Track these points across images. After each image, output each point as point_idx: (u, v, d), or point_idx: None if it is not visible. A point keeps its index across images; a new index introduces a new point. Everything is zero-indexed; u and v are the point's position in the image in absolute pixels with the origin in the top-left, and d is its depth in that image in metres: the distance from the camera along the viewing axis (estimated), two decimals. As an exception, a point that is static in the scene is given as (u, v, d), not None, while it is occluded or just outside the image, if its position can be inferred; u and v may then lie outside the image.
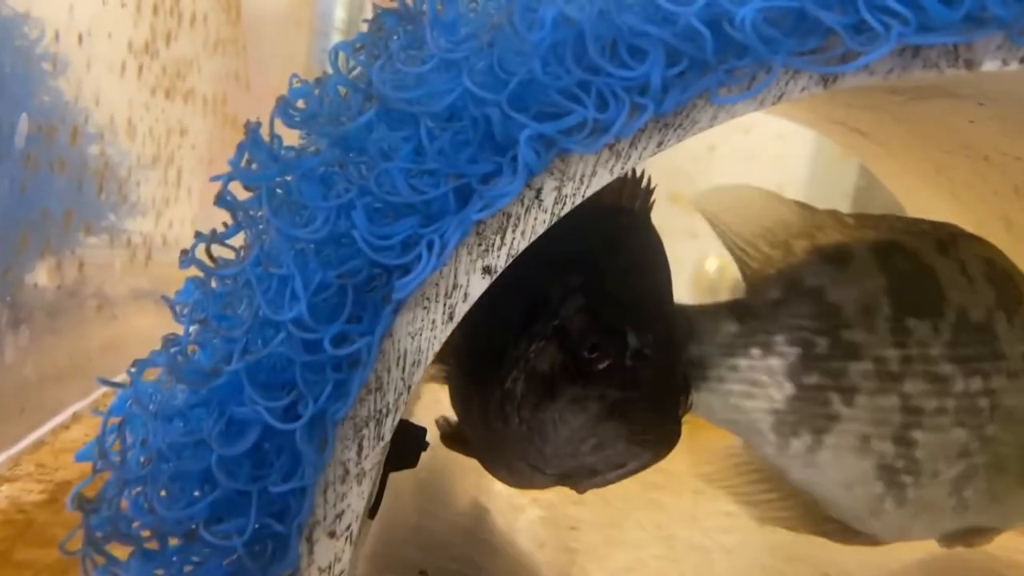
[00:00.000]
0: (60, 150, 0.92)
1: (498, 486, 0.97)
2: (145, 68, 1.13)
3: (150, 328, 1.15)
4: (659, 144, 0.55)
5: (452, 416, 0.87)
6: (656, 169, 0.79)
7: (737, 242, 0.88)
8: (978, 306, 0.83)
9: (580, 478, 0.68)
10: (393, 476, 0.64)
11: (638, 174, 0.83)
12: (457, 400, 0.83)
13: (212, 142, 1.42)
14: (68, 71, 0.93)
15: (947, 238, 0.87)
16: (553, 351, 0.68)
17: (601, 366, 0.65)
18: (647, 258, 0.79)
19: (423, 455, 0.69)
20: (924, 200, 1.20)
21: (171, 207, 1.28)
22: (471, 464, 1.03)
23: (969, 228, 1.09)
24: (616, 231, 0.80)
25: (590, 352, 0.66)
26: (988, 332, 0.82)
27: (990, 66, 0.52)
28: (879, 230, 0.87)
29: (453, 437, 0.86)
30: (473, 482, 0.99)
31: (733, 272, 2.32)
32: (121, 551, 0.53)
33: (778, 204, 0.90)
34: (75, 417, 0.99)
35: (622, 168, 0.55)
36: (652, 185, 0.83)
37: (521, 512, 0.91)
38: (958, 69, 0.53)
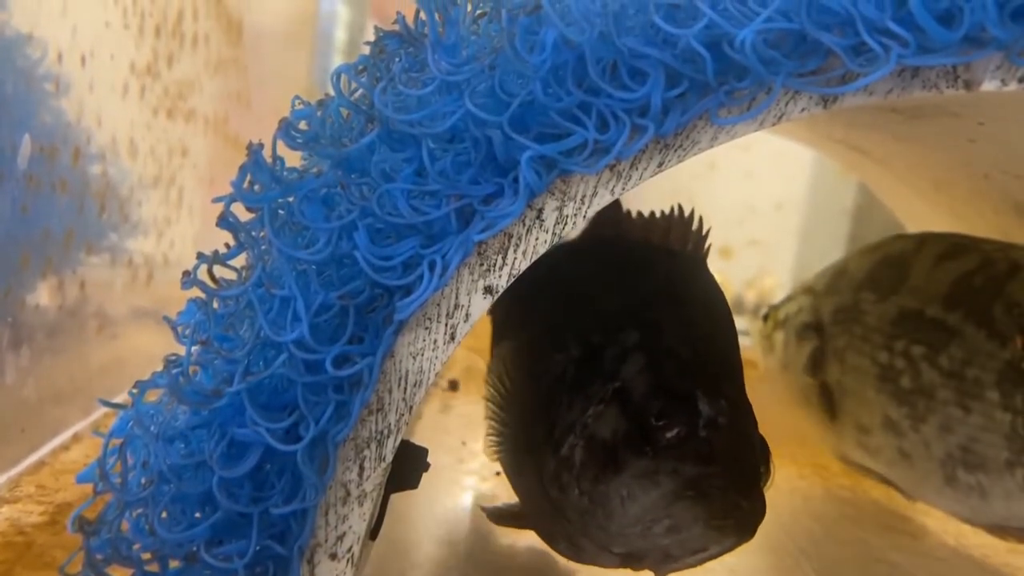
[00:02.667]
0: (62, 170, 0.92)
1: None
2: (147, 89, 1.13)
3: (151, 348, 1.15)
4: (660, 165, 0.55)
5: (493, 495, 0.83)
6: (656, 188, 0.79)
7: None
8: None
9: (654, 561, 0.62)
10: (394, 497, 0.64)
11: (686, 215, 0.78)
12: (509, 465, 0.77)
13: (213, 162, 1.42)
14: (70, 92, 0.94)
15: None
16: (614, 416, 0.63)
17: (670, 435, 0.60)
18: (709, 309, 0.73)
19: (424, 476, 0.68)
20: (924, 217, 1.20)
21: (172, 227, 1.28)
22: (470, 483, 1.02)
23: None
24: (672, 278, 0.74)
25: (657, 419, 0.61)
26: None
27: (989, 86, 0.53)
28: None
29: (504, 515, 0.80)
30: (473, 501, 0.98)
31: (731, 289, 2.32)
32: (122, 573, 0.53)
33: None
34: (76, 438, 0.99)
35: (623, 188, 0.55)
36: (706, 228, 0.77)
37: (523, 532, 0.91)
38: (957, 90, 0.53)
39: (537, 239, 0.56)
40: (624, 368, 0.65)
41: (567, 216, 0.55)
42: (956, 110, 0.68)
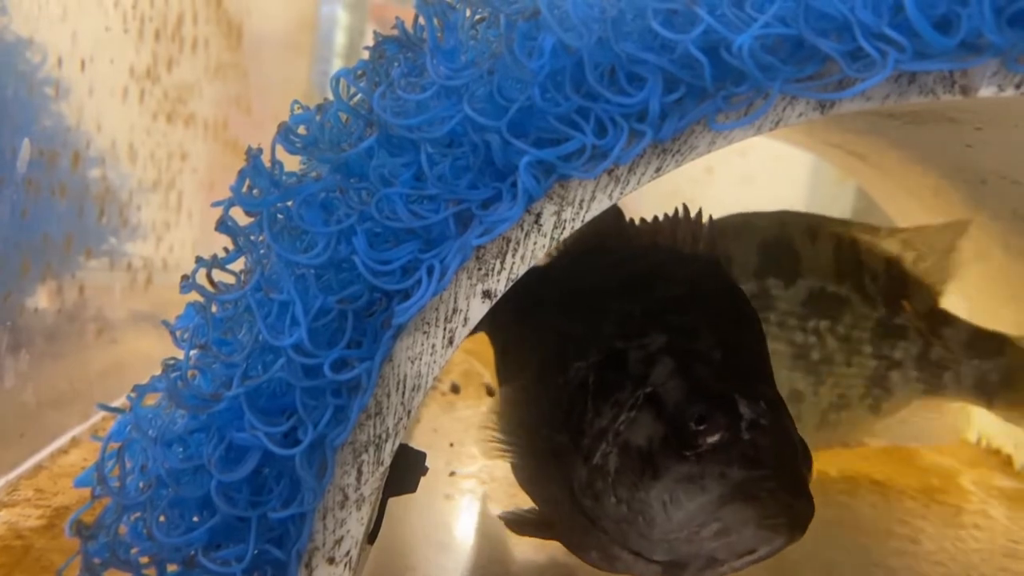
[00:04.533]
0: (61, 175, 0.92)
1: (496, 510, 0.97)
2: (147, 93, 1.14)
3: (150, 352, 1.15)
4: (657, 169, 0.55)
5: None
6: (654, 192, 0.79)
7: None
8: None
9: (697, 567, 0.61)
10: (392, 500, 0.64)
11: (692, 213, 0.75)
12: (527, 475, 0.76)
13: (213, 166, 1.42)
14: (70, 96, 0.94)
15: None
16: (649, 422, 0.62)
17: (712, 439, 0.59)
18: (734, 310, 0.71)
19: (422, 480, 0.68)
20: (921, 222, 1.20)
21: (172, 231, 1.28)
22: (468, 487, 1.02)
23: (967, 251, 1.09)
24: (692, 280, 0.72)
25: (697, 423, 0.60)
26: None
27: (986, 92, 0.53)
28: None
29: (525, 523, 0.78)
30: (473, 506, 0.98)
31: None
32: (120, 578, 0.53)
33: None
34: (74, 442, 0.99)
35: (621, 193, 0.56)
36: (716, 226, 0.75)
37: (523, 536, 0.91)
38: (954, 95, 0.53)
39: (535, 243, 0.56)
40: (653, 372, 0.64)
41: (565, 221, 0.56)
42: (953, 115, 0.68)
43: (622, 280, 0.74)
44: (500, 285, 0.56)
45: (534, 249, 0.56)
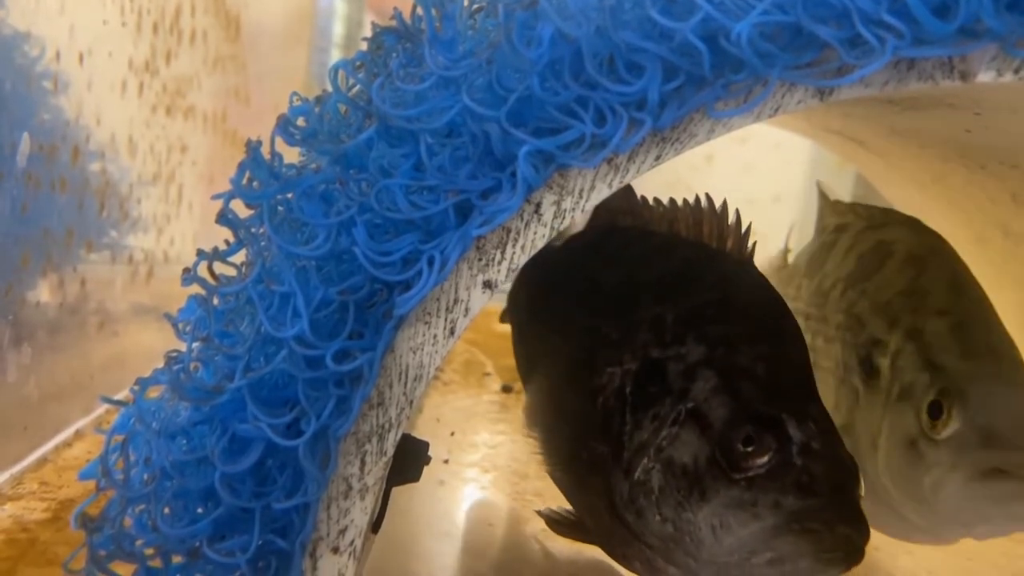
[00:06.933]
0: (61, 169, 0.92)
1: (499, 498, 0.97)
2: (146, 86, 1.14)
3: (152, 344, 1.15)
4: (657, 158, 0.55)
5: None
6: (654, 180, 0.79)
7: None
8: None
9: None
10: (395, 490, 0.65)
11: (717, 206, 0.73)
12: (566, 481, 0.75)
13: (213, 158, 1.42)
14: (69, 90, 0.94)
15: None
16: (693, 439, 0.60)
17: (761, 462, 0.58)
18: (774, 320, 0.68)
19: (426, 470, 0.69)
20: (922, 208, 1.20)
21: (172, 223, 1.28)
22: (471, 476, 1.03)
23: (967, 236, 1.10)
24: (726, 284, 0.69)
25: (745, 445, 0.58)
26: None
27: (985, 78, 0.53)
28: None
29: (565, 524, 0.77)
30: (475, 495, 0.99)
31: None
32: (125, 569, 0.53)
33: None
34: (78, 434, 1.00)
35: (621, 181, 0.56)
36: (747, 224, 0.71)
37: (525, 524, 0.91)
38: (953, 81, 0.53)
39: (535, 233, 0.56)
40: (694, 387, 0.62)
41: (565, 210, 0.56)
42: (952, 101, 0.68)
43: (652, 279, 0.72)
44: (501, 275, 0.56)
45: (534, 239, 0.56)
